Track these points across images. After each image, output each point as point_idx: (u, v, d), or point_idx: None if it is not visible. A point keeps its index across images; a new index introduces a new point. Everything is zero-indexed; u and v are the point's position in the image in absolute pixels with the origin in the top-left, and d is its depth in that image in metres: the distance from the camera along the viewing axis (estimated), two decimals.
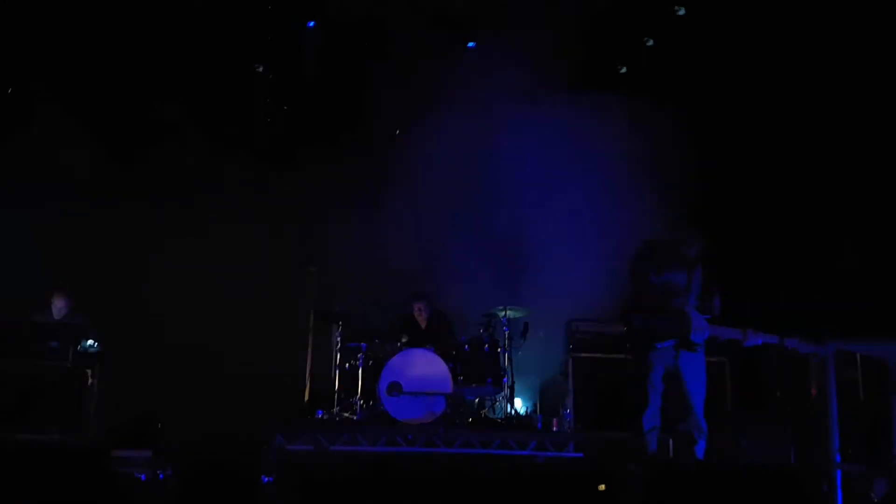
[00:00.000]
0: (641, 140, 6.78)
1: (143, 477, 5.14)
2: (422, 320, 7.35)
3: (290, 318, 7.77)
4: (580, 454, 6.11)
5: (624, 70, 7.45)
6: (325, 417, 6.70)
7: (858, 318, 5.91)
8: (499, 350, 6.86)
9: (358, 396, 6.66)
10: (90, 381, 6.41)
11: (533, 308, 7.26)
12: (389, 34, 7.72)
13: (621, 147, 6.84)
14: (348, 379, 6.86)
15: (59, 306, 6.97)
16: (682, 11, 6.63)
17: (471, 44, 8.28)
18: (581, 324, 6.88)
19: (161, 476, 5.24)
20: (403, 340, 6.92)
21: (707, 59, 6.78)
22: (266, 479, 4.88)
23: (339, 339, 7.04)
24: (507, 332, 7.03)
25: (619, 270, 5.37)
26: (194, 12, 7.36)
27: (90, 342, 6.51)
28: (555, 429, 6.69)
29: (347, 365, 6.94)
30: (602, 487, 4.13)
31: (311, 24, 7.93)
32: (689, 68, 6.94)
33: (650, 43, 7.11)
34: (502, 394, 6.83)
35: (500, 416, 6.85)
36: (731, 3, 6.70)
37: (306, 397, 7.09)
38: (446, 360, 6.64)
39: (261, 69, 7.83)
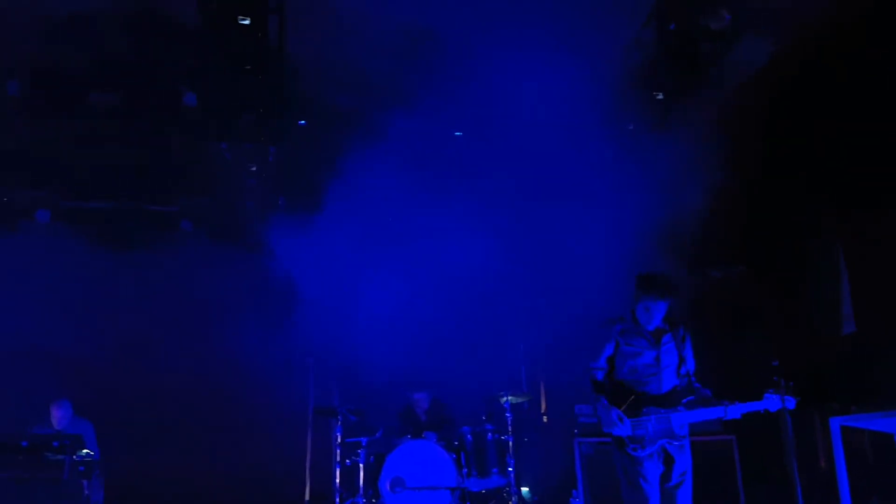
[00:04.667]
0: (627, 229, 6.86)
1: None
2: (422, 412, 7.26)
3: (288, 415, 7.70)
4: None
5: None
6: None
7: (858, 390, 5.89)
8: (503, 438, 6.76)
9: (360, 494, 6.51)
10: (86, 492, 6.31)
11: (534, 393, 7.19)
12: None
13: (611, 237, 6.91)
14: (349, 476, 6.72)
15: (57, 416, 7.02)
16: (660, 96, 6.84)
17: (457, 133, 8.47)
18: (585, 407, 6.79)
19: None
20: (404, 434, 6.82)
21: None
22: None
23: (338, 434, 6.93)
24: (510, 419, 6.93)
25: None
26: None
27: (86, 451, 6.43)
28: None
29: (348, 461, 6.81)
30: None
31: (303, 123, 8.15)
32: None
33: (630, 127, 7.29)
34: (508, 483, 6.69)
35: None
36: None
37: (307, 497, 6.92)
38: (449, 451, 6.53)
39: (254, 168, 7.97)
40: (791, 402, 4.66)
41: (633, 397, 4.61)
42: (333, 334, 7.88)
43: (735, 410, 4.63)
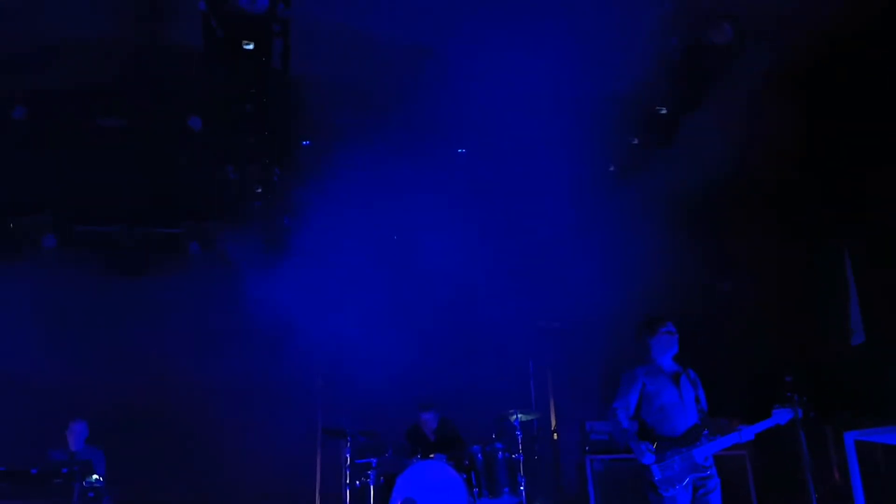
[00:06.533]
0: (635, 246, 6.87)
1: None
2: (430, 431, 7.22)
3: (298, 436, 7.68)
4: None
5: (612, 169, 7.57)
6: None
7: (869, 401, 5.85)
8: (513, 456, 6.70)
9: None
10: None
11: (544, 409, 7.15)
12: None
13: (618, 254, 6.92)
14: (360, 497, 6.67)
15: (76, 431, 7.11)
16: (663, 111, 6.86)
17: (461, 150, 8.47)
18: (596, 424, 6.76)
19: None
20: (413, 454, 6.77)
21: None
22: None
23: (347, 455, 6.88)
24: (520, 437, 6.87)
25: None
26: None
27: (95, 477, 6.43)
28: None
29: (358, 482, 6.76)
30: None
31: (306, 143, 8.18)
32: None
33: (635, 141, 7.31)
34: (521, 502, 6.63)
35: None
36: None
37: None
38: (459, 471, 6.48)
39: (259, 190, 8.00)
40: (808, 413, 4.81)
41: (656, 443, 4.77)
42: (341, 355, 7.87)
43: (748, 432, 4.85)
